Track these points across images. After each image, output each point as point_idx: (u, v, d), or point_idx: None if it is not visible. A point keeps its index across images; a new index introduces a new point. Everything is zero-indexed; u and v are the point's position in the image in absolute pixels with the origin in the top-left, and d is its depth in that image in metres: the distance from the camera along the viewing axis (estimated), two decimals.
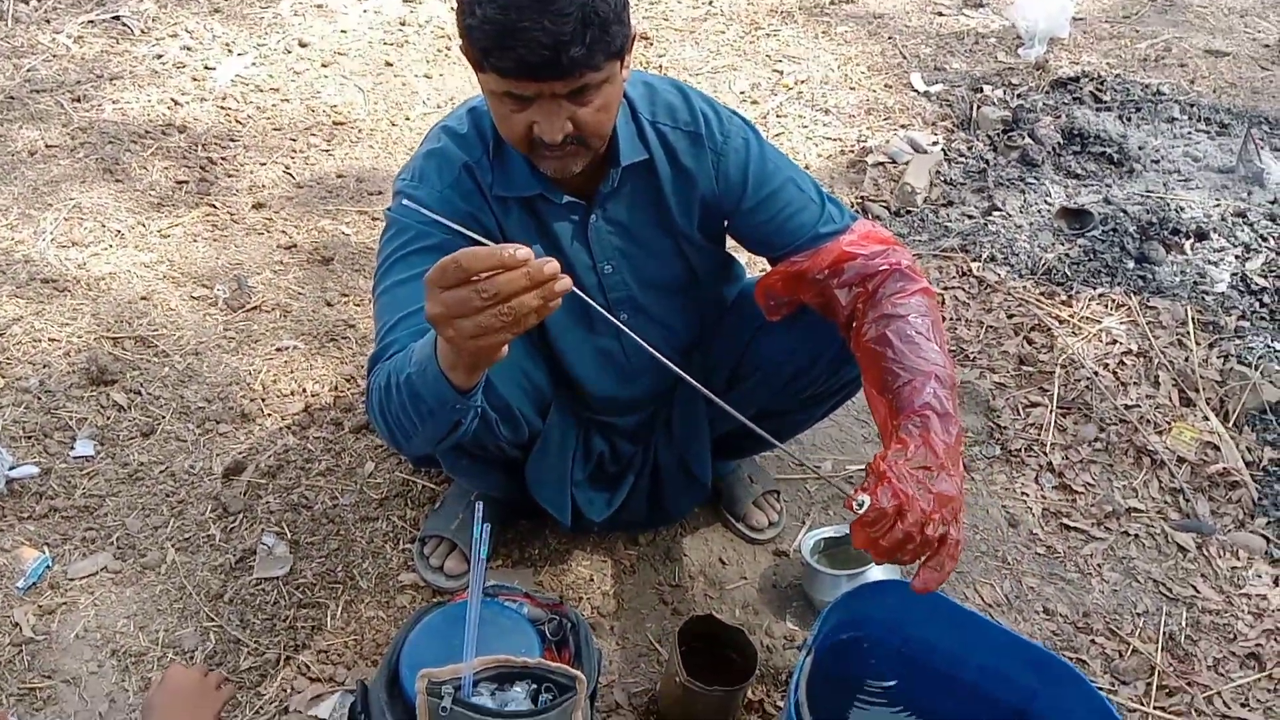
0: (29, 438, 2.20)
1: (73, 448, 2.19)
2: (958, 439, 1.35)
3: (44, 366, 2.36)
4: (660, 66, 3.83)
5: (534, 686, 1.29)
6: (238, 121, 3.34)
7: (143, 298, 2.59)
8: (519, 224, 1.56)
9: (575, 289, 1.07)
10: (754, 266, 2.38)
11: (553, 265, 1.01)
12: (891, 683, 1.65)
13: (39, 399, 2.28)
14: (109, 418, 2.27)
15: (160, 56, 3.64)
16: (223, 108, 3.39)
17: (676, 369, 1.20)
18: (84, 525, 2.04)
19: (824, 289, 1.56)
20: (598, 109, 1.36)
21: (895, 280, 1.51)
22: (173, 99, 3.40)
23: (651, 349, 1.18)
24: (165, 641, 1.86)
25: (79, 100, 3.36)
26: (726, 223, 1.68)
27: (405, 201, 1.34)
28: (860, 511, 1.25)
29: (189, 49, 3.70)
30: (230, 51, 3.71)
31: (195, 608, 1.91)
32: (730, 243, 1.75)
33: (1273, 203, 3.00)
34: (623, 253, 1.63)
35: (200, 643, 1.86)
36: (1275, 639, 1.94)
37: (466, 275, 1.00)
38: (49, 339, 2.44)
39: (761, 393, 1.78)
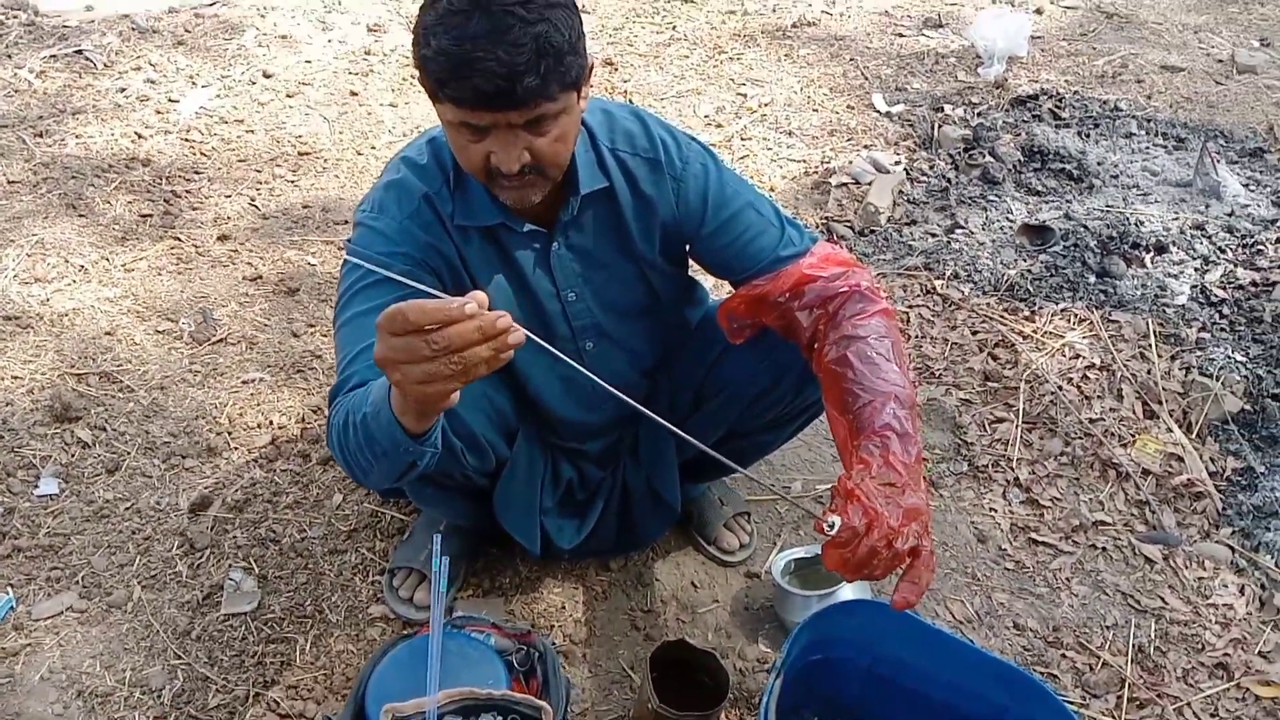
0: None
1: (36, 486, 2.16)
2: (918, 458, 1.36)
3: (6, 405, 2.34)
4: (625, 92, 3.85)
5: (500, 718, 1.28)
6: (202, 154, 3.33)
7: (107, 333, 2.57)
8: (480, 253, 1.57)
9: (532, 336, 1.07)
10: (718, 290, 2.39)
11: (505, 319, 1.01)
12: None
13: (1, 437, 2.25)
14: (73, 455, 2.24)
15: (123, 90, 3.63)
16: (187, 140, 3.38)
17: (636, 405, 1.20)
18: (48, 565, 2.02)
19: (785, 311, 1.57)
20: (555, 139, 1.37)
21: (855, 302, 1.52)
22: (136, 132, 3.39)
23: (610, 387, 1.18)
24: (132, 681, 1.83)
25: (41, 135, 3.34)
26: (688, 247, 1.69)
27: (349, 258, 1.33)
28: (832, 534, 1.26)
29: (152, 82, 3.69)
30: (194, 84, 3.71)
31: (162, 646, 1.89)
32: (693, 266, 1.76)
33: (1229, 215, 3.05)
34: (585, 279, 1.64)
35: (168, 681, 1.83)
36: (1243, 648, 1.96)
37: (414, 327, 1.00)
38: (12, 376, 2.41)
39: (726, 414, 1.79)
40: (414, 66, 1.34)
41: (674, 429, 1.23)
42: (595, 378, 1.19)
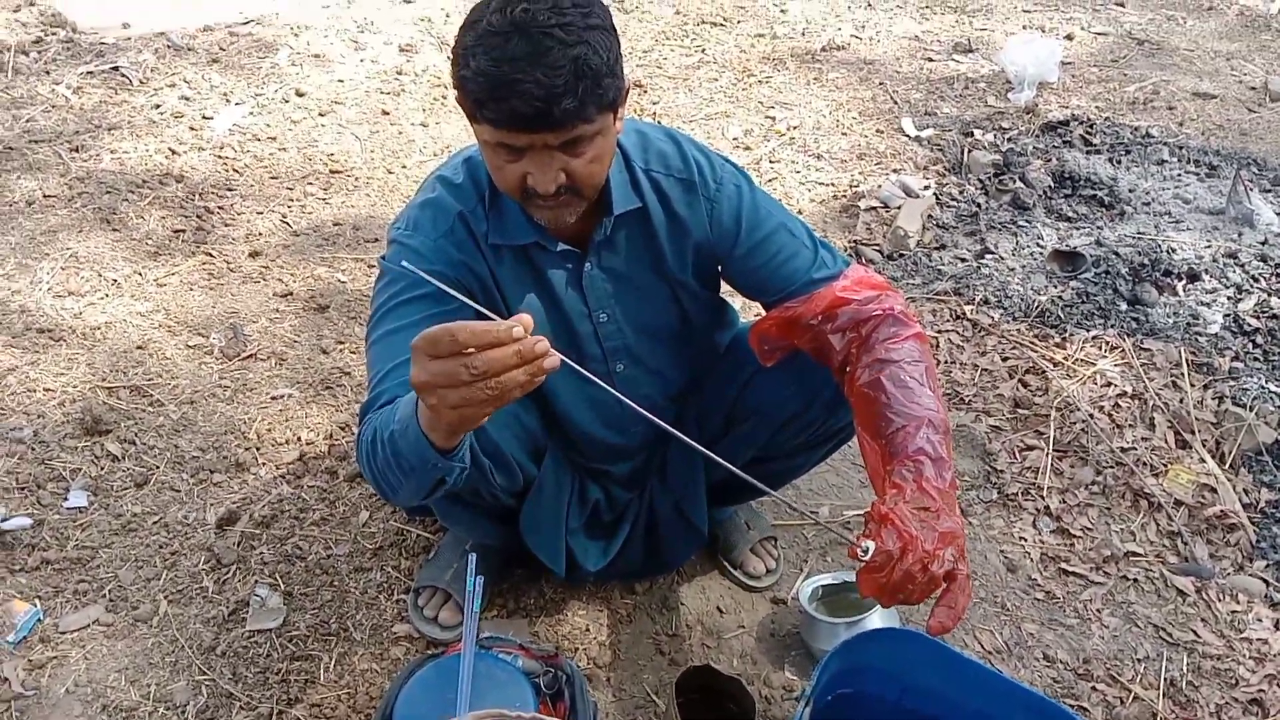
0: (22, 488, 2.19)
1: (66, 499, 2.18)
2: (952, 483, 1.35)
3: (38, 417, 2.36)
4: (654, 114, 3.86)
5: None
6: (235, 170, 3.36)
7: (138, 347, 2.59)
8: (513, 272, 1.57)
9: (567, 360, 1.07)
10: (748, 311, 2.39)
11: (543, 344, 1.01)
12: None
13: (33, 449, 2.27)
14: (103, 468, 2.26)
15: (158, 106, 3.67)
16: (220, 157, 3.42)
17: (668, 427, 1.20)
18: (76, 577, 2.03)
19: (818, 334, 1.56)
20: (590, 160, 1.37)
21: (888, 326, 1.52)
22: (170, 148, 3.42)
23: (640, 409, 1.18)
24: (157, 696, 1.84)
25: (77, 150, 3.38)
26: (720, 268, 1.69)
27: (403, 263, 1.34)
28: (866, 559, 1.25)
29: (187, 99, 3.74)
30: (228, 101, 3.75)
31: (187, 661, 1.89)
32: (725, 287, 1.75)
33: (1263, 243, 3.02)
34: (618, 300, 1.64)
35: (192, 697, 1.83)
36: (1278, 684, 1.92)
37: (459, 349, 1.00)
38: (44, 389, 2.43)
39: (756, 437, 1.78)
40: (453, 86, 1.34)
41: (705, 451, 1.23)
42: (626, 399, 1.19)
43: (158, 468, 2.26)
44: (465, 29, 1.31)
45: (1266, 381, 2.49)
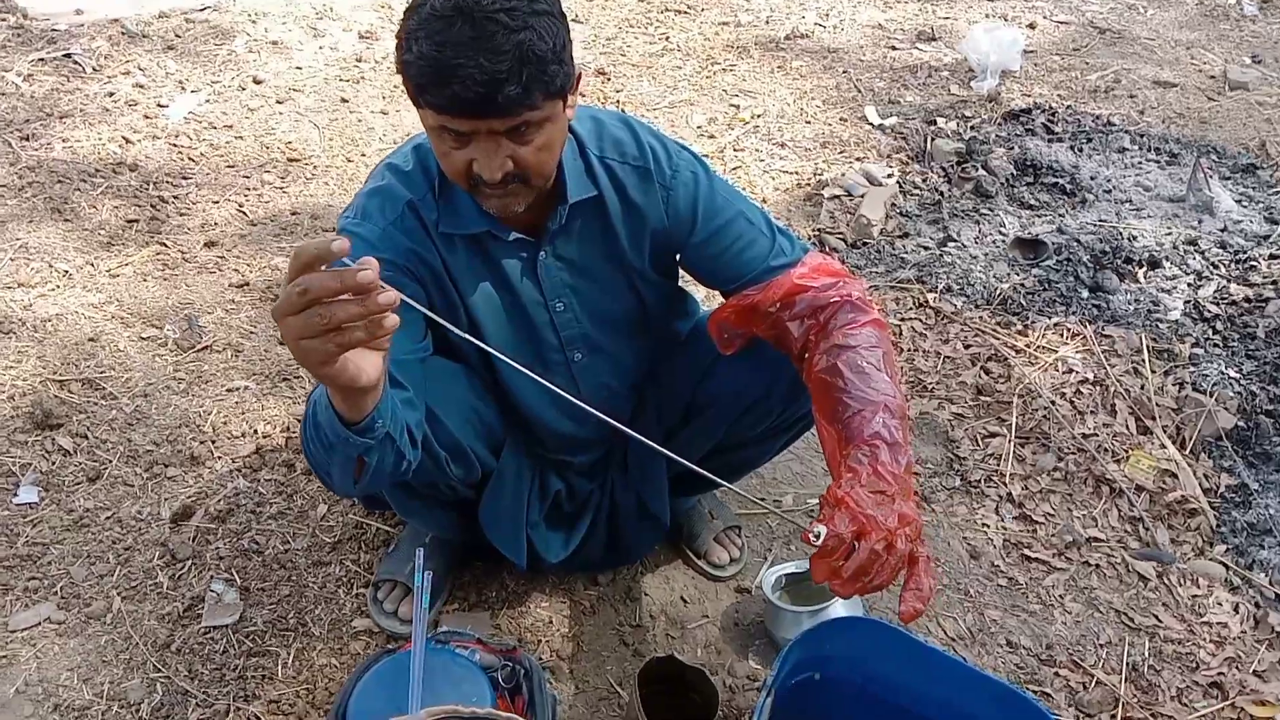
0: None
1: (15, 494, 2.13)
2: (908, 468, 1.34)
3: None
4: (618, 102, 3.84)
5: None
6: (190, 159, 3.30)
7: (90, 339, 2.53)
8: (466, 262, 1.54)
9: (406, 299, 1.06)
10: (710, 301, 2.37)
11: (368, 274, 0.99)
12: None
13: None
14: (54, 463, 2.21)
15: (112, 94, 3.60)
16: (175, 145, 3.35)
17: (614, 422, 1.19)
18: (26, 574, 1.98)
19: (776, 322, 1.55)
20: (539, 148, 1.35)
21: (846, 312, 1.50)
22: (124, 137, 3.36)
23: (588, 407, 1.17)
24: (110, 694, 1.80)
25: (27, 139, 3.31)
26: (678, 257, 1.67)
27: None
28: (818, 543, 1.23)
29: (141, 86, 3.67)
30: (183, 89, 3.68)
31: (142, 658, 1.85)
32: (684, 276, 1.74)
33: (1223, 231, 3.04)
34: (574, 289, 1.62)
35: (147, 695, 1.80)
36: (1238, 668, 1.94)
37: (291, 278, 0.99)
38: None
39: (716, 427, 1.76)
40: (396, 70, 1.32)
41: (660, 449, 1.21)
42: (569, 395, 1.19)
43: (110, 462, 2.22)
44: (410, 12, 1.29)
45: (1226, 367, 2.51)
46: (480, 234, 1.52)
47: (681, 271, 1.73)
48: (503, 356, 1.16)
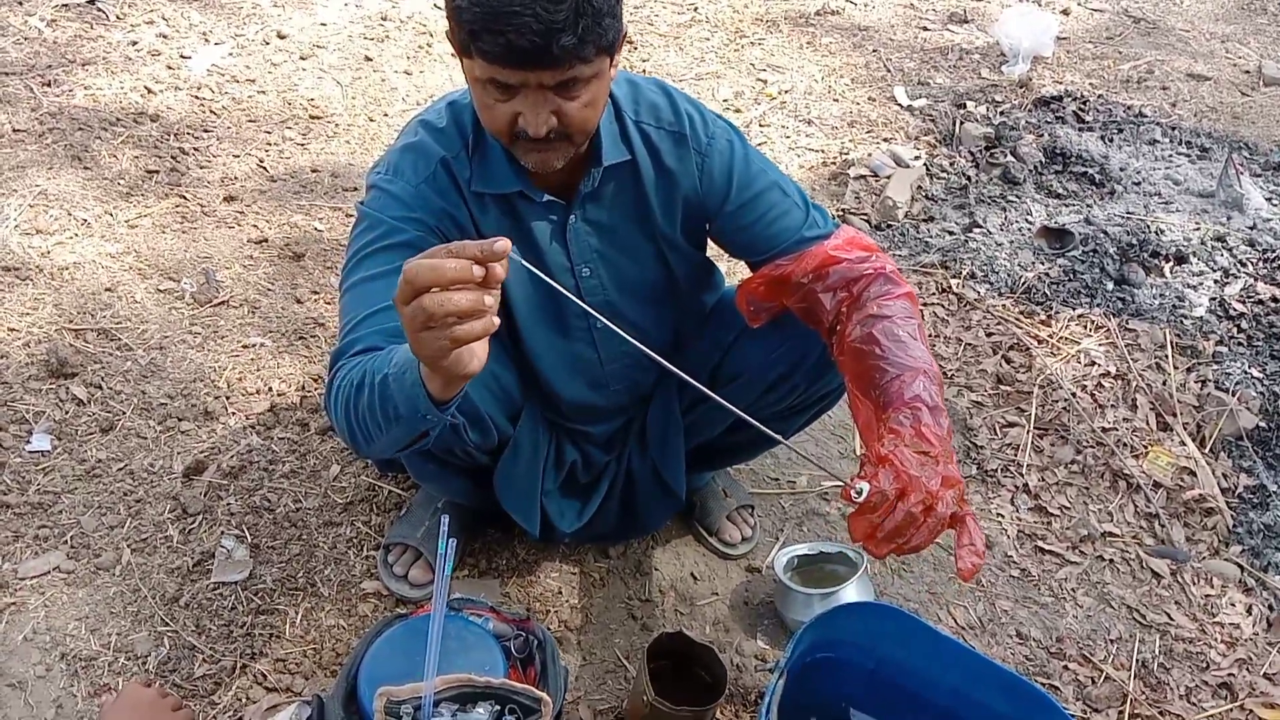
0: None
1: (28, 442, 2.12)
2: (949, 432, 1.33)
3: (2, 357, 2.29)
4: (644, 72, 3.79)
5: (497, 708, 1.24)
6: (212, 112, 3.27)
7: (107, 289, 2.52)
8: (496, 222, 1.52)
9: (523, 262, 1.07)
10: (734, 275, 2.35)
11: (503, 244, 1.00)
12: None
13: None
14: (67, 412, 2.20)
15: (135, 43, 3.57)
16: (197, 97, 3.32)
17: (660, 359, 1.19)
18: (37, 523, 1.98)
19: (808, 294, 1.53)
20: (584, 104, 1.32)
21: (880, 284, 1.49)
22: (146, 87, 3.33)
23: (630, 337, 1.17)
24: (117, 646, 1.80)
25: (49, 85, 3.28)
26: (709, 225, 1.65)
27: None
28: (860, 500, 1.22)
29: (165, 37, 3.63)
30: (207, 41, 3.65)
31: (150, 611, 1.85)
32: (712, 248, 1.71)
33: (1251, 228, 3.00)
34: (601, 255, 1.59)
35: (154, 648, 1.80)
36: (1248, 669, 1.92)
37: (419, 291, 1.01)
38: (8, 328, 2.36)
39: (740, 401, 1.74)
40: (446, 17, 1.29)
41: (703, 387, 1.22)
42: (612, 324, 1.20)
43: (124, 413, 2.21)
44: None
45: (1249, 367, 2.48)
46: (512, 194, 1.50)
47: (709, 244, 1.70)
48: (599, 315, 1.20)
